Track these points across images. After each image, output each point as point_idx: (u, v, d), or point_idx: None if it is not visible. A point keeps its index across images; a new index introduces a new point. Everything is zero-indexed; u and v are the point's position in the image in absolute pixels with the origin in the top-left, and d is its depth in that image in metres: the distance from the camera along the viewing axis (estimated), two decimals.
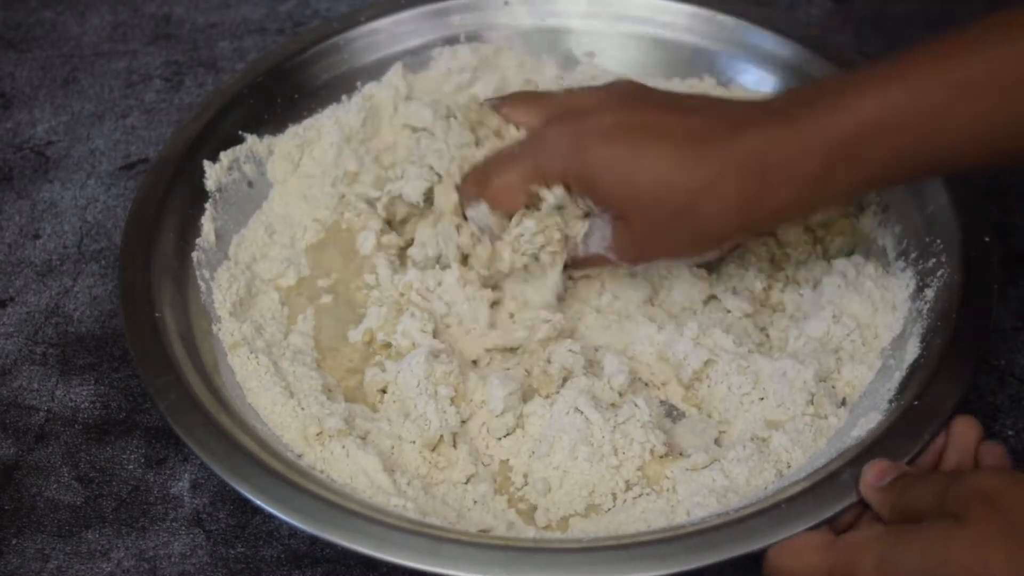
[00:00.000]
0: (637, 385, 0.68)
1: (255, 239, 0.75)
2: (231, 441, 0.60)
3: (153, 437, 0.69)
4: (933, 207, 0.70)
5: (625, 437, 0.64)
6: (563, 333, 0.70)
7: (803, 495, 0.57)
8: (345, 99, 0.80)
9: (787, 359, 0.67)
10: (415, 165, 0.72)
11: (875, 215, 0.73)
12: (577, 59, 0.84)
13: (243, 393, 0.66)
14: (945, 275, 0.67)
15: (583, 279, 0.72)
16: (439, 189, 0.71)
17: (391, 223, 0.75)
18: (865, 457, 0.58)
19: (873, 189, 0.62)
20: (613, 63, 0.84)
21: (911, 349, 0.65)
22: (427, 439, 0.65)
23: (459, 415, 0.66)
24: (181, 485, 0.67)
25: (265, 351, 0.68)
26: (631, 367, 0.68)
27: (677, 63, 0.83)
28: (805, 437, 0.64)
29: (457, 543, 0.56)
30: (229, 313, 0.69)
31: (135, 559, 0.64)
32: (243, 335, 0.68)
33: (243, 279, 0.72)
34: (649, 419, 0.65)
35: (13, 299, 0.77)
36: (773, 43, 0.81)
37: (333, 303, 0.74)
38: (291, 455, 0.62)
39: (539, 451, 0.65)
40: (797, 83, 0.78)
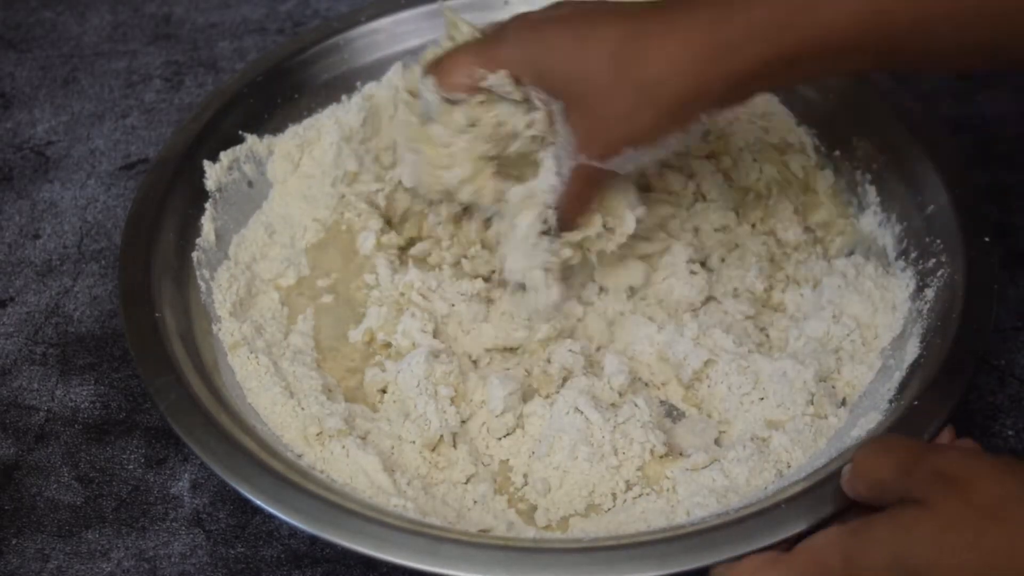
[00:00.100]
0: (637, 385, 0.68)
1: (255, 239, 0.75)
2: (231, 441, 0.60)
3: (153, 437, 0.69)
4: (933, 207, 0.70)
5: (625, 437, 0.64)
6: (563, 333, 0.70)
7: (803, 495, 0.57)
8: (345, 99, 0.80)
9: (787, 359, 0.67)
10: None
11: (875, 215, 0.73)
12: None
13: (243, 393, 0.66)
14: (945, 275, 0.67)
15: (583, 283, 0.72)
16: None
17: (391, 223, 0.75)
18: None
19: (824, 69, 0.62)
20: None
21: (911, 349, 0.65)
22: (427, 439, 0.65)
23: (459, 415, 0.66)
24: (181, 485, 0.67)
25: (265, 351, 0.68)
26: (631, 367, 0.68)
27: None
28: (805, 437, 0.64)
29: (457, 543, 0.56)
30: (229, 313, 0.69)
31: (135, 559, 0.64)
32: (243, 335, 0.68)
33: (243, 279, 0.72)
34: (649, 419, 0.65)
35: (13, 299, 0.77)
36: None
37: (333, 303, 0.74)
38: (291, 455, 0.62)
39: (539, 451, 0.65)
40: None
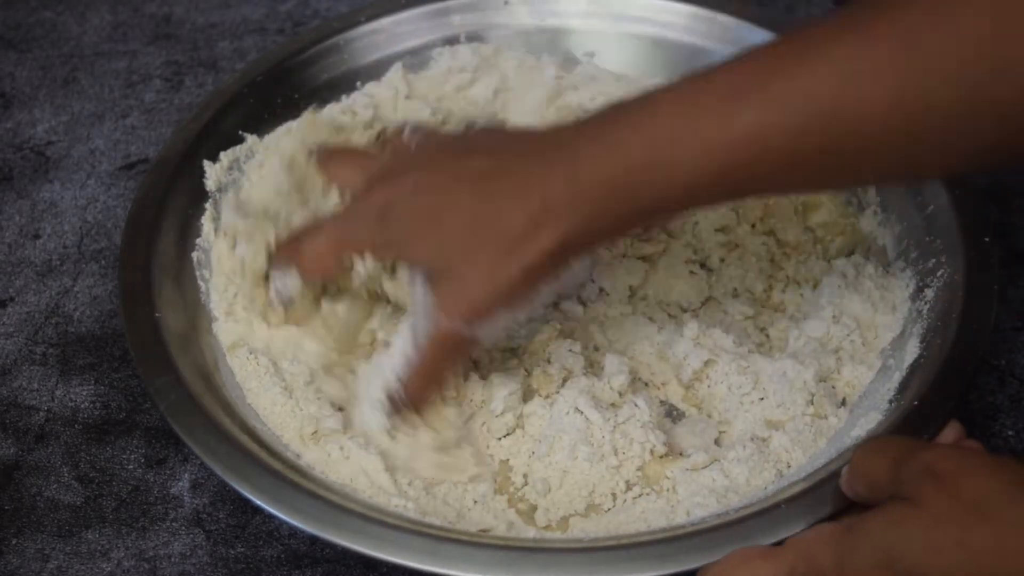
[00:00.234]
0: (637, 385, 0.68)
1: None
2: (231, 441, 0.60)
3: (153, 437, 0.69)
4: (933, 207, 0.70)
5: (625, 437, 0.64)
6: (563, 333, 0.70)
7: (803, 495, 0.57)
8: (345, 97, 0.80)
9: (787, 359, 0.67)
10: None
11: (875, 215, 0.73)
12: (577, 59, 0.84)
13: (243, 393, 0.66)
14: (945, 275, 0.67)
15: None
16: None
17: None
18: None
19: (681, 208, 0.61)
20: (613, 63, 0.84)
21: (911, 349, 0.65)
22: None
23: (460, 415, 0.66)
24: (181, 485, 0.67)
25: (264, 351, 0.68)
26: (631, 367, 0.68)
27: (677, 63, 0.82)
28: (805, 437, 0.64)
29: (457, 543, 0.56)
30: (225, 313, 0.69)
31: (135, 559, 0.63)
32: (239, 336, 0.68)
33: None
34: (649, 419, 0.65)
35: (13, 299, 0.77)
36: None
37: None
38: (291, 455, 0.62)
39: (539, 451, 0.64)
40: None
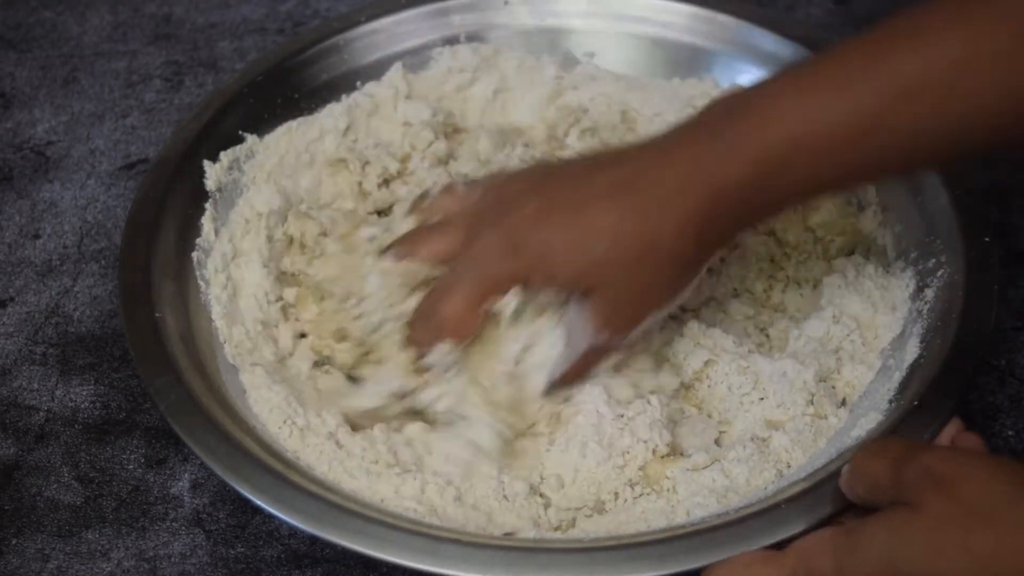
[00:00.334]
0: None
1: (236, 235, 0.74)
2: (231, 441, 0.60)
3: (153, 437, 0.69)
4: (933, 207, 0.70)
5: (633, 436, 0.64)
6: None
7: (803, 495, 0.57)
8: (345, 97, 0.80)
9: (787, 359, 0.67)
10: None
11: (875, 215, 0.73)
12: (577, 59, 0.84)
13: (243, 393, 0.66)
14: (945, 275, 0.67)
15: None
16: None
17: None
18: None
19: (810, 197, 0.60)
20: (613, 63, 0.83)
21: (911, 349, 0.65)
22: None
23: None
24: (181, 485, 0.67)
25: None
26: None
27: (677, 63, 0.83)
28: (805, 437, 0.64)
29: (457, 543, 0.56)
30: (221, 315, 0.69)
31: (135, 559, 0.63)
32: (236, 336, 0.68)
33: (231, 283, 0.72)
34: (660, 417, 0.64)
35: (13, 299, 0.77)
36: (773, 43, 0.81)
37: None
38: (291, 455, 0.62)
39: (554, 447, 0.64)
40: None
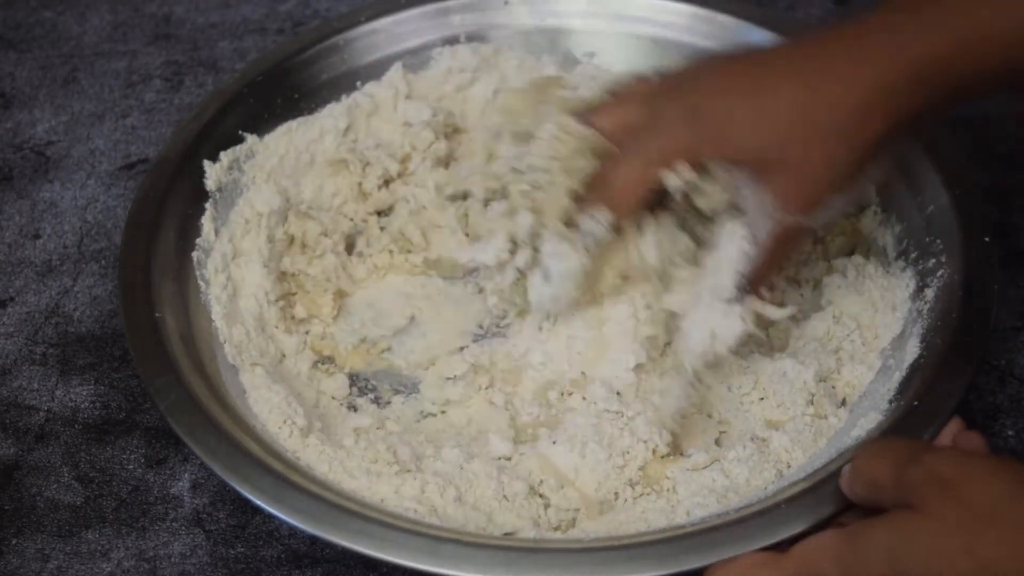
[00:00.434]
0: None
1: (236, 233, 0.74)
2: (231, 441, 0.60)
3: (153, 437, 0.69)
4: (933, 207, 0.70)
5: (632, 436, 0.64)
6: None
7: (803, 495, 0.57)
8: (345, 97, 0.80)
9: (787, 359, 0.67)
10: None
11: (875, 215, 0.73)
12: (577, 59, 0.84)
13: (243, 393, 0.66)
14: (945, 275, 0.67)
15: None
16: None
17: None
18: None
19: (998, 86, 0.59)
20: (613, 63, 0.83)
21: (911, 349, 0.65)
22: None
23: None
24: (181, 485, 0.67)
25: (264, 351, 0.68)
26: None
27: (677, 63, 0.82)
28: (805, 437, 0.64)
29: (457, 543, 0.56)
30: (221, 315, 0.69)
31: (135, 559, 0.63)
32: (235, 336, 0.68)
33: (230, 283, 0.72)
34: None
35: (13, 299, 0.77)
36: (773, 43, 0.81)
37: None
38: (291, 455, 0.62)
39: (555, 445, 0.64)
40: None
